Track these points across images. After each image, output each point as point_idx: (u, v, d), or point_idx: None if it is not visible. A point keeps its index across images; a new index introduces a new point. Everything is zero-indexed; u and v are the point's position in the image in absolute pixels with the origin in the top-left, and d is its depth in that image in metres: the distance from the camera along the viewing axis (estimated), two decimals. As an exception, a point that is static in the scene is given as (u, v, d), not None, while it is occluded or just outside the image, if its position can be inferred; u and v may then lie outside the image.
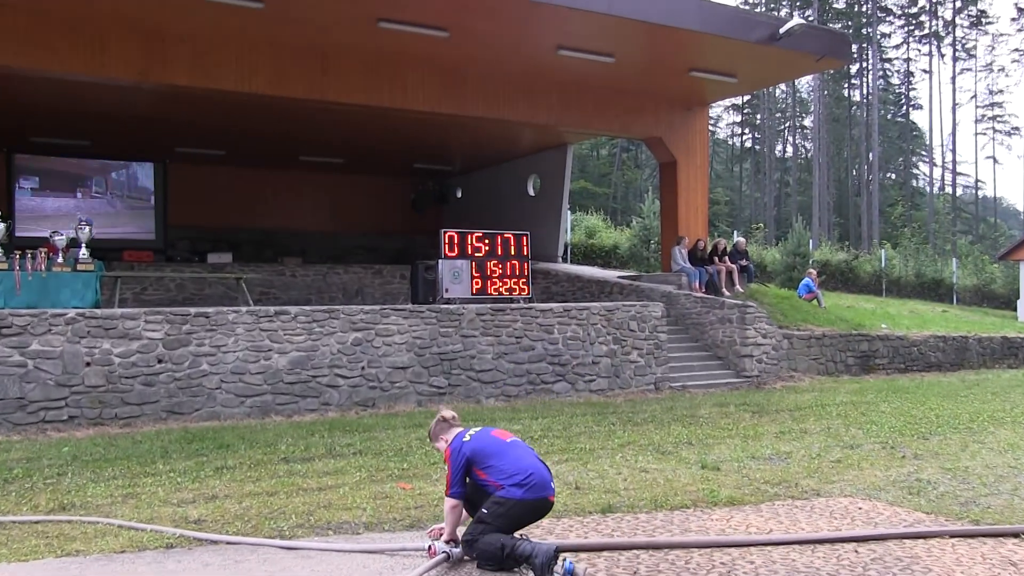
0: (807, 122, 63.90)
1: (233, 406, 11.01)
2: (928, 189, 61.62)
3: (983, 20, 62.33)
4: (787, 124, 64.64)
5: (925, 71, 64.26)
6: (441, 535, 5.21)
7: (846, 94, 59.62)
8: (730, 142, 68.74)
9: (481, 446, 5.09)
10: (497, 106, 16.27)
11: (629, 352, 14.26)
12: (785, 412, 11.72)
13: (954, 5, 61.44)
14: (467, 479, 5.13)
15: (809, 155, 62.26)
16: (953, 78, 61.61)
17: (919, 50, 62.66)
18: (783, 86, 62.80)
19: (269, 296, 18.88)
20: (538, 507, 5.01)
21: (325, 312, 11.83)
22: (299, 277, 19.44)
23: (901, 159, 61.78)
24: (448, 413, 5.48)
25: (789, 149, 64.18)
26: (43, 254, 11.54)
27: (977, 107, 64.80)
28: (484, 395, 12.75)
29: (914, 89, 64.24)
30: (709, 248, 19.07)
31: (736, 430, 10.18)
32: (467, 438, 5.18)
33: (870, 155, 54.33)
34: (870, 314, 20.26)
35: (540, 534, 5.81)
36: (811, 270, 21.29)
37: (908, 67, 62.54)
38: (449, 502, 5.10)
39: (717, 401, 12.90)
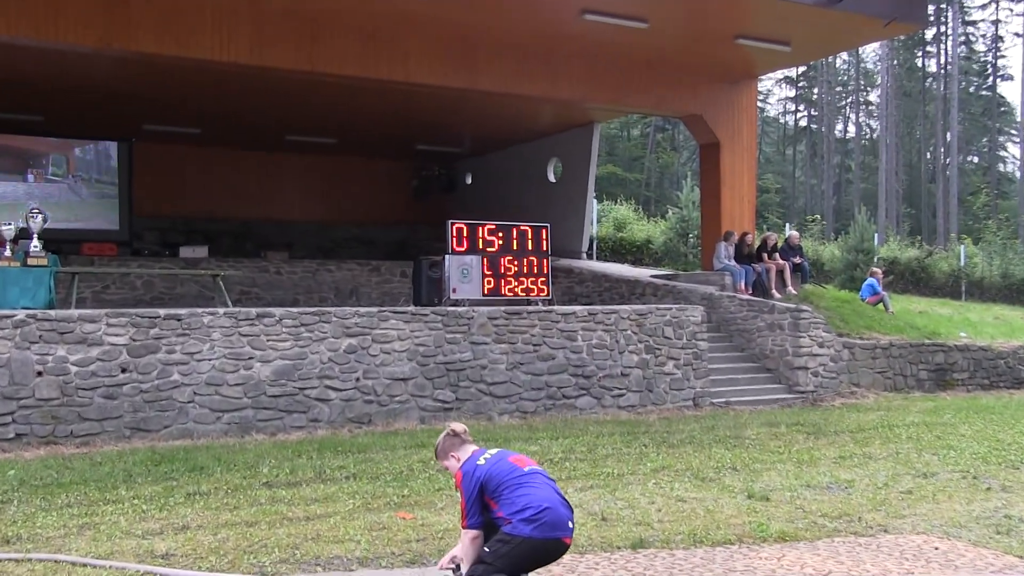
0: (873, 97, 63.57)
1: (208, 422, 11.04)
2: (1018, 174, 61.09)
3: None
4: (849, 100, 64.33)
5: (1017, 35, 63.72)
6: (453, 564, 5.16)
7: (920, 64, 59.20)
8: (782, 120, 68.42)
9: (496, 472, 5.06)
10: (512, 80, 16.26)
11: (664, 363, 14.21)
12: (846, 434, 11.64)
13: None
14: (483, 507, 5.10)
15: (875, 135, 61.92)
16: (1046, 45, 61.14)
17: (1011, 10, 62.21)
18: (845, 55, 62.51)
19: (250, 296, 18.95)
20: (549, 549, 4.93)
21: (315, 315, 11.85)
22: (285, 274, 19.51)
23: (985, 139, 61.18)
24: (458, 427, 5.46)
25: (851, 129, 63.89)
26: (-12, 247, 11.60)
27: (1075, 79, 64.27)
28: (496, 411, 12.74)
29: (1003, 56, 63.76)
30: (757, 243, 18.97)
31: (788, 454, 10.12)
32: (482, 461, 5.15)
33: (948, 135, 53.93)
34: (946, 321, 20.10)
35: (560, 574, 5.78)
36: (876, 269, 21.15)
37: (996, 31, 61.88)
38: (468, 534, 5.05)
39: (766, 420, 12.84)
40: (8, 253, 11.83)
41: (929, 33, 57.10)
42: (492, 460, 5.15)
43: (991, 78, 61.23)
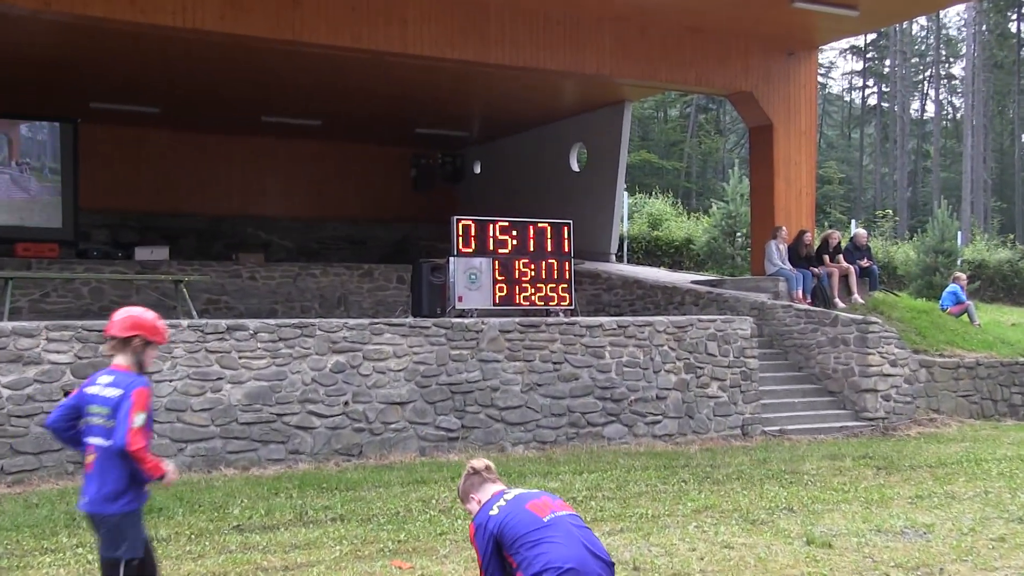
0: (957, 70, 63.30)
1: (168, 455, 11.05)
2: None
3: None
4: (928, 73, 64.13)
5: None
6: None
7: (1014, 29, 58.87)
8: (847, 99, 68.29)
9: (511, 524, 4.96)
10: (528, 51, 16.28)
11: (707, 384, 14.17)
12: (923, 469, 11.58)
13: None
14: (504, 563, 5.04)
15: (959, 115, 61.69)
16: None
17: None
18: (922, 20, 62.34)
19: (220, 306, 19.00)
20: None
21: (296, 327, 11.87)
22: (261, 280, 19.56)
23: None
24: (479, 463, 5.41)
25: (930, 107, 63.68)
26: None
27: None
28: (510, 440, 12.72)
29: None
30: (817, 243, 18.92)
31: (855, 492, 10.06)
32: (494, 510, 5.05)
33: (1044, 115, 53.68)
34: (1043, 335, 19.97)
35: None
36: (959, 274, 21.05)
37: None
38: None
39: (828, 452, 12.78)
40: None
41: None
42: (507, 509, 5.05)
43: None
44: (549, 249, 14.55)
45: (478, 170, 27.88)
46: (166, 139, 25.07)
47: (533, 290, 14.37)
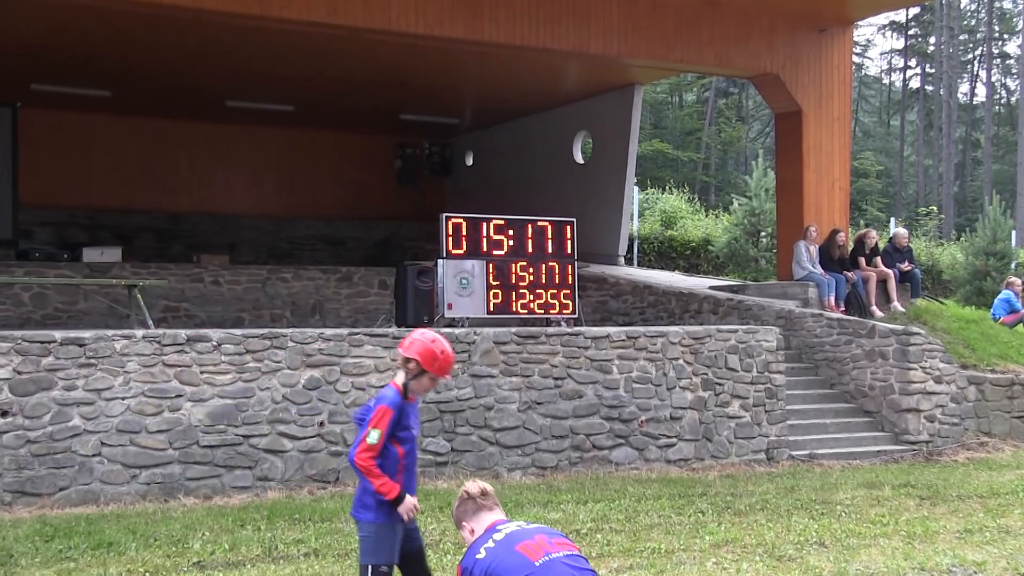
0: (1011, 48, 63.39)
1: (120, 482, 11.06)
2: None
3: None
4: (979, 52, 64.21)
5: None
6: None
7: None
8: (886, 81, 68.37)
9: (497, 568, 4.90)
10: (527, 28, 16.27)
11: (727, 402, 14.18)
12: (973, 499, 11.57)
13: None
14: None
15: (1014, 100, 61.74)
16: None
17: None
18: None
19: (179, 313, 18.99)
20: None
21: (265, 338, 11.86)
22: (225, 285, 19.55)
23: None
24: (474, 488, 5.41)
25: (981, 91, 63.78)
26: None
27: None
28: (505, 465, 12.72)
29: None
30: (852, 244, 18.92)
31: (895, 526, 10.06)
32: (481, 553, 5.00)
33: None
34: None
35: None
36: (1014, 278, 21.05)
37: None
38: None
39: (864, 479, 12.78)
40: None
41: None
42: (495, 552, 4.97)
43: None
44: (550, 251, 14.54)
45: (470, 162, 27.87)
46: (118, 126, 25.01)
47: (532, 297, 14.37)
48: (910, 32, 62.00)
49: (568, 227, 14.72)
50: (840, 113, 19.24)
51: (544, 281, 14.44)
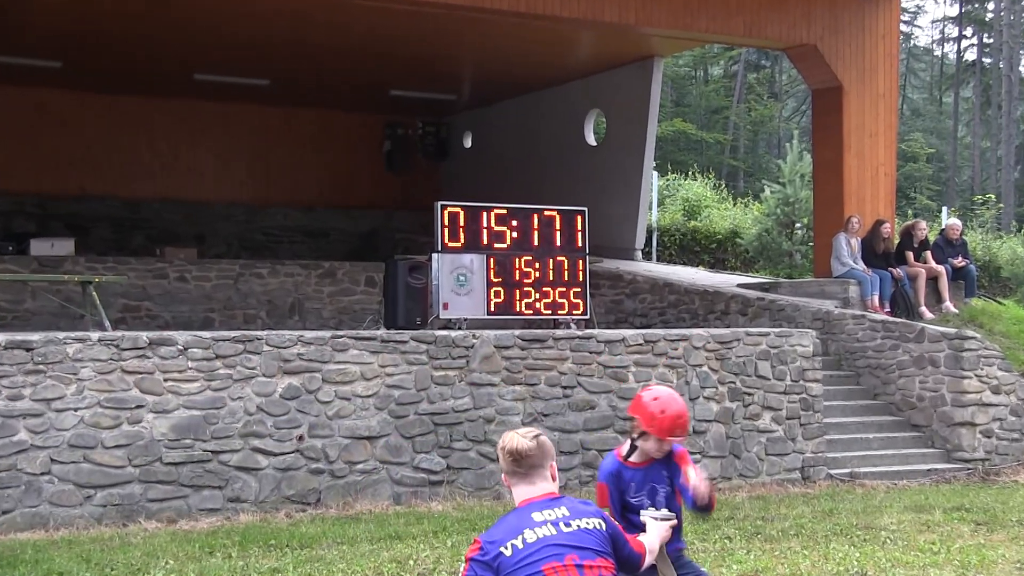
0: (1072, 19, 63.34)
1: (72, 504, 11.04)
2: None
3: None
4: (1037, 22, 64.09)
5: None
6: None
7: None
8: (938, 53, 68.28)
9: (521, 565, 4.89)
10: (533, -10, 16.29)
11: (757, 414, 14.16)
12: (1033, 523, 11.57)
13: None
14: None
15: (1076, 76, 61.63)
16: None
17: None
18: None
19: (140, 313, 18.99)
20: None
21: (237, 342, 11.85)
22: (193, 281, 19.55)
23: None
24: (519, 444, 5.19)
25: (1041, 66, 63.65)
26: None
27: None
28: (507, 487, 12.69)
29: None
30: (898, 237, 18.89)
31: (947, 555, 10.03)
32: (507, 549, 4.93)
33: None
34: None
35: None
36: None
37: None
38: None
39: (912, 502, 12.75)
40: None
41: None
42: (518, 560, 4.93)
43: None
44: (558, 244, 14.53)
45: (468, 143, 27.85)
46: (71, 102, 24.99)
47: (538, 295, 14.35)
48: (964, -2, 61.90)
49: (579, 217, 14.71)
50: (886, 89, 19.21)
51: (552, 278, 14.42)
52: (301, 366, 12.02)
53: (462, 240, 14.05)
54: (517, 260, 14.28)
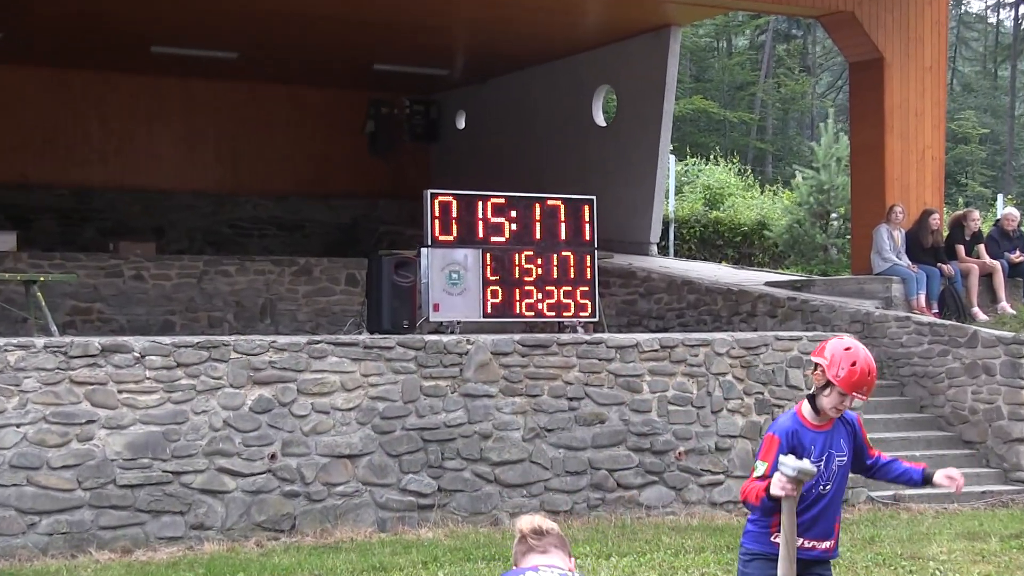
0: None
1: (14, 532, 10.99)
2: None
3: None
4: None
5: None
6: None
7: None
8: (992, 20, 68.24)
9: None
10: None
11: (790, 430, 14.13)
12: (1101, 552, 11.54)
13: None
14: None
15: None
16: None
17: None
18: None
19: (91, 316, 18.97)
20: None
21: (202, 348, 11.81)
22: (151, 280, 19.53)
23: None
24: (527, 524, 5.20)
25: (1107, 36, 63.65)
26: None
27: None
28: (506, 508, 12.68)
29: None
30: (947, 228, 18.86)
31: (1002, 586, 10.02)
32: None
33: None
34: None
35: None
36: None
37: None
38: None
39: (964, 528, 12.73)
40: None
41: None
42: None
43: None
44: (563, 237, 14.51)
45: (462, 124, 27.84)
46: (11, 77, 24.94)
47: (540, 295, 14.33)
48: (1020, -41, 61.96)
49: (586, 207, 14.69)
50: (933, 61, 19.19)
51: (556, 276, 14.40)
52: (273, 375, 12.00)
53: (455, 233, 14.03)
54: (517, 255, 14.25)
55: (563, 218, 14.53)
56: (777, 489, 5.58)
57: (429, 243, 13.91)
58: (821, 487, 5.94)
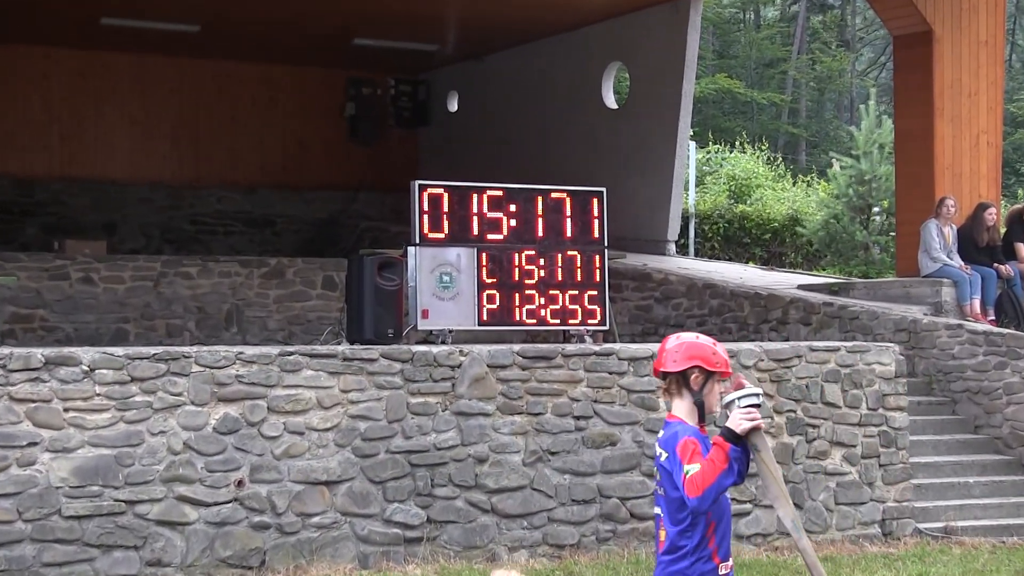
0: None
1: (-47, 565, 11.02)
2: None
3: None
4: None
5: None
6: None
7: None
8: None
9: None
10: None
11: (825, 452, 14.13)
12: None
13: None
14: None
15: None
16: None
17: None
18: None
19: (33, 324, 18.97)
20: None
21: (159, 360, 11.80)
22: (102, 283, 19.52)
23: None
24: None
25: None
26: None
27: None
28: (505, 542, 12.68)
29: None
30: (1005, 224, 18.85)
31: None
32: None
33: None
34: None
35: None
36: None
37: None
38: None
39: (1024, 564, 12.73)
40: None
41: None
42: None
43: None
44: (569, 234, 14.52)
45: (454, 107, 27.84)
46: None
47: (543, 300, 14.34)
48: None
49: (595, 200, 14.70)
50: (989, 35, 19.18)
51: (561, 278, 14.41)
52: (240, 391, 11.99)
53: (446, 229, 14.04)
54: (516, 255, 14.26)
55: (569, 213, 14.53)
56: (747, 422, 5.79)
57: (417, 241, 13.92)
58: (729, 495, 6.18)
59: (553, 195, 14.57)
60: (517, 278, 14.26)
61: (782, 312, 18.24)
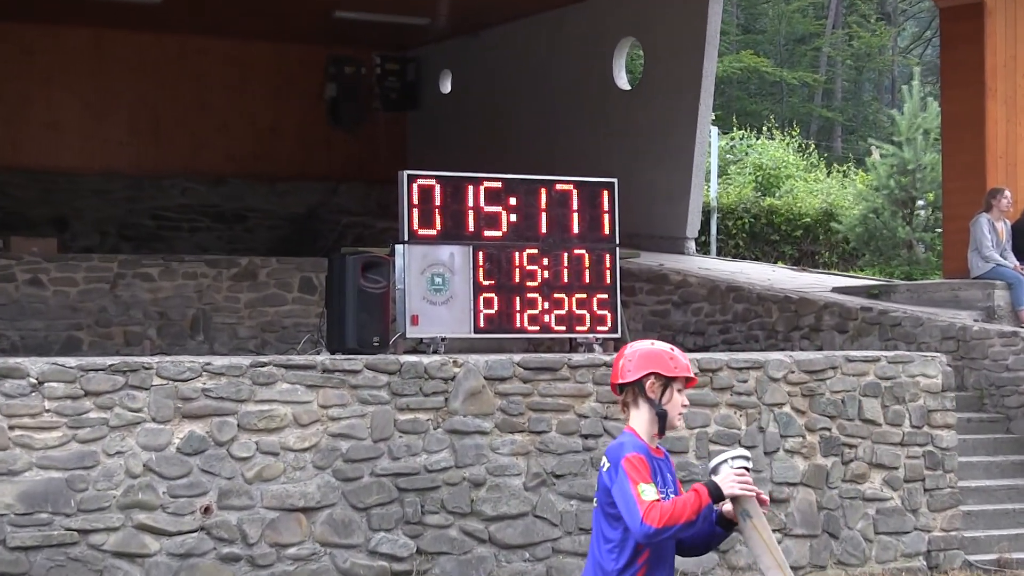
0: None
1: None
2: None
3: None
4: None
5: None
6: None
7: None
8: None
9: None
10: None
11: (863, 474, 14.16)
12: None
13: None
14: None
15: None
16: None
17: None
18: None
19: (-23, 332, 19.01)
20: None
21: (116, 372, 11.82)
22: (51, 286, 19.55)
23: None
24: None
25: None
26: None
27: None
28: (504, 575, 12.74)
29: None
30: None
31: None
32: None
33: None
34: None
35: None
36: None
37: None
38: None
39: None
40: None
41: None
42: None
43: None
44: (576, 231, 14.54)
45: (447, 88, 27.88)
46: None
47: (547, 304, 14.36)
48: None
49: (605, 193, 14.72)
50: (1047, 9, 19.24)
51: (567, 280, 14.43)
52: (208, 407, 12.00)
53: (438, 226, 14.06)
54: (517, 255, 14.28)
55: (576, 207, 14.54)
56: (737, 487, 5.81)
57: (406, 239, 13.93)
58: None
59: (558, 187, 14.57)
60: (518, 280, 14.27)
61: (815, 318, 18.25)
